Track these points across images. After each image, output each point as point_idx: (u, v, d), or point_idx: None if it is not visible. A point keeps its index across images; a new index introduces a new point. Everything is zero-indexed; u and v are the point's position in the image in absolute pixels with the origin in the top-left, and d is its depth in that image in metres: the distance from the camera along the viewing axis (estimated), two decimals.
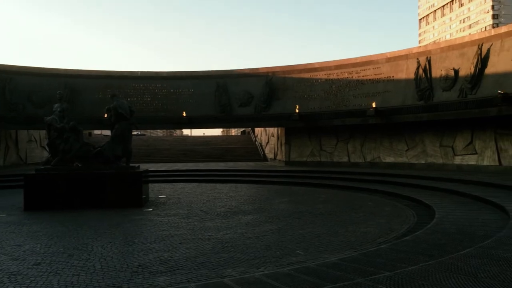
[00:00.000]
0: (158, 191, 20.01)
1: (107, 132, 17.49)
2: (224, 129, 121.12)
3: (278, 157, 34.86)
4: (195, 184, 23.20)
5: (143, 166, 18.96)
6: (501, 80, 20.43)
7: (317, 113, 28.80)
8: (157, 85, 31.79)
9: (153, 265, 7.58)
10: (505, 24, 72.48)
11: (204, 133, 77.28)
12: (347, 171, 25.37)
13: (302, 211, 13.65)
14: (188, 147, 47.24)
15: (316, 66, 29.73)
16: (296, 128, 30.79)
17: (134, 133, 61.91)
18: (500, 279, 5.32)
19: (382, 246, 8.25)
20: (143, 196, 15.74)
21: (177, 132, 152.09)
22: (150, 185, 19.15)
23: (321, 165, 29.75)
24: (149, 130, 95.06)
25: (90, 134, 47.10)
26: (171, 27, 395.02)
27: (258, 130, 46.93)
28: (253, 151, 44.41)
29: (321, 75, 29.30)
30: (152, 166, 29.85)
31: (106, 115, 16.67)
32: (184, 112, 30.72)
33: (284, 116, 29.55)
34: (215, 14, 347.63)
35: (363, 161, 28.72)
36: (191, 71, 32.62)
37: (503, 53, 20.78)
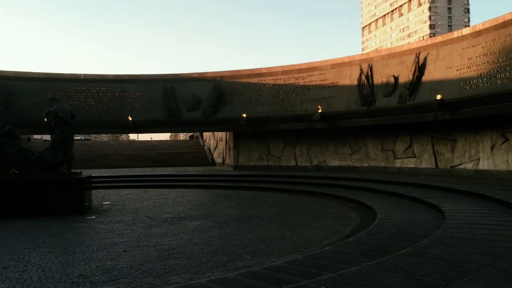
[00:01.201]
0: (102, 197, 19.37)
1: (48, 137, 16.72)
2: (172, 133, 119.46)
3: (227, 161, 34.84)
4: (141, 190, 22.67)
5: (87, 172, 18.29)
6: (437, 87, 21.60)
7: (265, 118, 29.09)
8: (102, 89, 30.85)
9: (95, 275, 7.32)
10: (441, 34, 76.84)
11: (151, 138, 75.58)
12: (295, 174, 25.79)
13: (250, 215, 13.71)
14: (135, 152, 46.13)
15: (264, 71, 30.06)
16: (244, 133, 30.93)
17: (78, 137, 59.52)
18: (435, 276, 5.60)
19: (327, 248, 8.45)
20: (86, 203, 15.17)
21: (123, 136, 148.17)
22: (94, 191, 18.51)
23: (269, 169, 30.06)
24: (93, 135, 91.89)
25: (29, 139, 44.81)
26: (119, 29, 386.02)
27: (206, 134, 46.69)
28: (202, 156, 44.09)
29: (269, 80, 29.66)
30: (96, 172, 28.86)
31: (45, 120, 15.93)
32: (130, 116, 29.99)
33: (232, 121, 29.60)
34: (163, 18, 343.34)
35: (310, 164, 29.32)
36: (138, 74, 31.99)
37: (439, 62, 21.99)
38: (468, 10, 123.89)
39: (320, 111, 26.16)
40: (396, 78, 23.88)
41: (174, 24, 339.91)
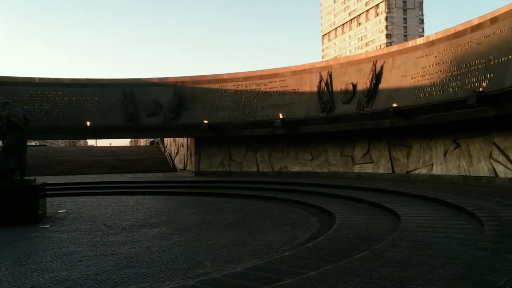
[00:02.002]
0: (58, 205, 18.71)
1: (0, 143, 16.01)
2: (133, 139, 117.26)
3: (188, 167, 34.52)
4: (99, 197, 22.06)
5: (41, 179, 17.63)
6: (393, 94, 22.30)
7: (226, 124, 29.05)
8: (58, 93, 29.90)
9: (49, 286, 7.06)
10: (397, 43, 79.37)
11: (110, 144, 73.97)
12: (256, 180, 25.87)
13: (211, 222, 13.63)
14: (93, 158, 44.89)
15: (225, 77, 30.07)
16: (206, 139, 30.77)
17: (32, 143, 57.20)
18: (391, 279, 5.75)
19: (287, 253, 8.52)
20: (40, 212, 14.61)
21: (81, 142, 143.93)
22: (49, 199, 17.86)
23: (231, 175, 30.01)
24: (49, 141, 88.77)
25: None
26: (80, 32, 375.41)
27: (167, 140, 46.10)
28: (162, 162, 43.46)
29: (230, 86, 29.68)
30: (51, 179, 27.86)
31: None
32: (88, 122, 29.20)
33: (193, 126, 29.38)
34: (123, 22, 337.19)
35: (271, 170, 29.50)
36: (96, 78, 31.26)
37: (395, 70, 22.73)
38: (422, 21, 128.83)
39: (281, 117, 26.40)
40: (354, 86, 24.47)
41: (134, 29, 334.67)
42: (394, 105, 21.09)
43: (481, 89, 16.78)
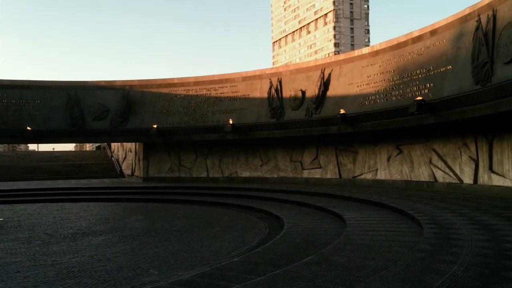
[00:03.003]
0: None
1: None
2: (78, 144, 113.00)
3: (136, 173, 33.72)
4: (40, 205, 21.05)
5: None
6: (340, 102, 22.94)
7: (176, 129, 28.68)
8: None
9: None
10: (344, 52, 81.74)
11: (53, 148, 70.83)
12: (206, 186, 25.71)
13: (158, 229, 13.37)
14: (34, 163, 42.83)
15: (175, 81, 29.72)
16: (155, 144, 30.20)
17: None
18: (335, 282, 5.88)
19: (235, 259, 8.50)
20: None
21: (21, 147, 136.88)
22: None
23: (180, 181, 29.63)
24: None
25: None
26: (25, 33, 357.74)
27: (115, 145, 44.86)
28: (109, 167, 42.21)
29: (180, 90, 29.37)
30: None
31: None
32: (29, 125, 27.86)
33: (142, 131, 28.77)
34: (69, 23, 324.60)
35: (221, 176, 29.42)
36: (38, 80, 29.89)
37: (342, 78, 23.41)
38: (368, 31, 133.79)
39: (231, 122, 26.43)
40: (303, 92, 24.94)
41: (78, 30, 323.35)
42: (341, 111, 21.67)
43: (421, 98, 17.59)
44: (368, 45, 73.01)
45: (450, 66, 17.54)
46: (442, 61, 18.04)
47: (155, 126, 28.10)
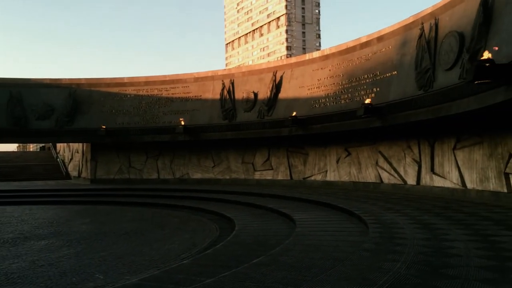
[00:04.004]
0: None
1: None
2: (21, 144, 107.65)
3: (83, 174, 32.59)
4: None
5: None
6: (291, 104, 23.28)
7: (126, 129, 27.98)
8: None
9: None
10: (296, 55, 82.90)
11: None
12: (156, 188, 25.28)
13: (106, 232, 13.00)
14: None
15: (125, 81, 29.03)
16: (103, 144, 29.30)
17: None
18: (284, 282, 5.96)
19: (185, 261, 8.42)
20: None
21: None
22: None
23: (130, 182, 28.93)
24: None
25: None
26: None
27: (60, 145, 43.10)
28: (54, 169, 40.54)
29: (131, 90, 28.72)
30: None
31: None
32: None
33: (90, 131, 27.82)
34: (11, 20, 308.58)
35: (173, 177, 29.02)
36: None
37: (293, 81, 23.78)
38: (319, 36, 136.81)
39: (183, 123, 26.13)
40: (255, 94, 25.10)
41: (24, 27, 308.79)
42: (293, 114, 21.99)
43: (368, 102, 18.19)
44: (319, 49, 74.61)
45: (396, 72, 18.26)
46: (388, 67, 18.73)
47: (103, 126, 27.27)
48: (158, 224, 14.46)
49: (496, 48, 11.98)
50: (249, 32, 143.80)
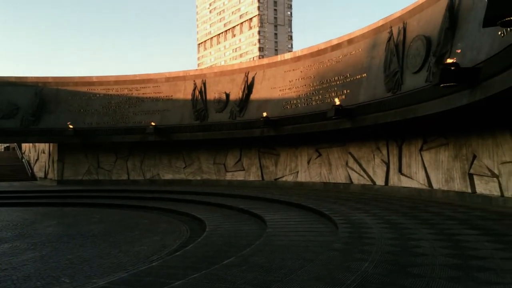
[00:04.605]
0: None
1: None
2: None
3: (50, 175, 31.74)
4: None
5: None
6: (263, 105, 23.35)
7: (95, 129, 27.41)
8: None
9: None
10: (268, 56, 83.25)
11: None
12: (126, 189, 24.87)
13: (73, 234, 12.70)
14: None
15: (94, 80, 28.47)
16: (71, 144, 28.60)
17: None
18: (254, 283, 5.95)
19: (154, 264, 8.32)
20: None
21: None
22: None
23: (99, 184, 28.36)
24: None
25: None
26: None
27: (26, 146, 41.82)
28: (19, 170, 39.34)
29: (100, 89, 28.17)
30: None
31: None
32: None
33: (57, 131, 27.10)
34: None
35: (143, 178, 28.62)
36: None
37: (265, 82, 23.85)
38: (291, 37, 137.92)
39: (153, 124, 25.80)
40: (227, 95, 25.05)
41: None
42: (264, 115, 22.05)
43: (338, 103, 18.43)
44: (291, 51, 75.20)
45: (365, 74, 18.57)
46: (358, 69, 19.04)
47: (71, 126, 26.62)
48: (127, 226, 14.23)
49: (459, 51, 12.33)
50: (222, 33, 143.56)
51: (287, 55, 23.98)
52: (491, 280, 5.68)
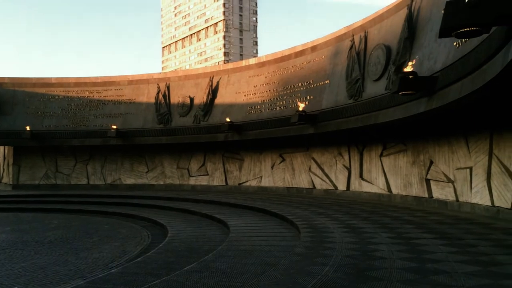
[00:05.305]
0: None
1: None
2: None
3: (4, 180, 30.44)
4: None
5: None
6: (227, 110, 23.33)
7: (53, 132, 26.56)
8: None
9: None
10: (233, 61, 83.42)
11: None
12: (86, 194, 24.20)
13: (28, 241, 12.22)
14: None
15: (53, 81, 27.63)
16: (27, 148, 27.58)
17: None
18: None
19: (113, 270, 8.12)
20: None
21: None
22: None
23: (57, 188, 27.44)
24: None
25: None
26: None
27: None
28: None
29: (59, 91, 27.34)
30: None
31: None
32: None
33: (12, 134, 26.08)
34: None
35: (104, 183, 27.92)
36: None
37: (230, 87, 23.86)
38: (256, 43, 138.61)
39: (115, 127, 25.26)
40: (191, 99, 24.88)
41: None
42: (228, 119, 22.03)
43: (302, 109, 18.65)
44: (256, 56, 75.70)
45: (328, 81, 18.90)
46: (321, 76, 19.36)
47: (28, 128, 25.69)
48: (86, 232, 13.84)
49: (414, 61, 12.72)
50: (187, 37, 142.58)
51: (252, 61, 24.10)
52: (446, 283, 5.88)
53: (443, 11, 7.91)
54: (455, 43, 11.16)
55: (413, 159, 15.70)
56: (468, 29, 7.48)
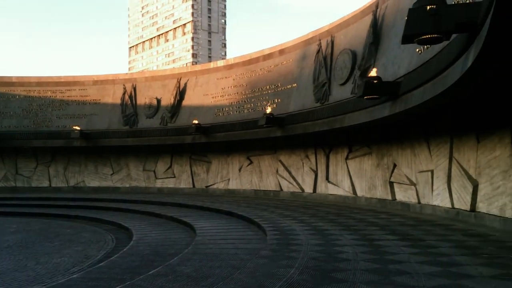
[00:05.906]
0: None
1: None
2: None
3: None
4: None
5: None
6: (195, 112, 23.17)
7: (13, 133, 25.64)
8: None
9: None
10: (201, 63, 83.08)
11: None
12: (47, 197, 23.45)
13: None
14: None
15: (14, 80, 26.72)
16: None
17: None
18: None
19: (74, 276, 7.90)
20: None
21: None
22: None
23: (17, 191, 26.46)
24: None
25: None
26: None
27: None
28: None
29: (20, 90, 26.45)
30: None
31: None
32: None
33: None
34: None
35: (66, 185, 27.15)
36: None
37: (197, 88, 23.71)
38: (225, 45, 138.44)
39: (78, 128, 24.62)
40: (158, 101, 24.58)
41: None
42: (195, 121, 21.88)
43: (269, 112, 18.74)
44: (225, 58, 75.53)
45: (296, 84, 19.08)
46: (289, 79, 19.52)
47: None
48: (47, 236, 13.41)
49: (374, 70, 13.01)
50: (154, 37, 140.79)
51: (220, 63, 24.06)
52: (407, 283, 6.01)
53: (406, 18, 8.13)
54: (417, 50, 11.48)
55: (377, 162, 16.03)
56: (429, 36, 7.73)
